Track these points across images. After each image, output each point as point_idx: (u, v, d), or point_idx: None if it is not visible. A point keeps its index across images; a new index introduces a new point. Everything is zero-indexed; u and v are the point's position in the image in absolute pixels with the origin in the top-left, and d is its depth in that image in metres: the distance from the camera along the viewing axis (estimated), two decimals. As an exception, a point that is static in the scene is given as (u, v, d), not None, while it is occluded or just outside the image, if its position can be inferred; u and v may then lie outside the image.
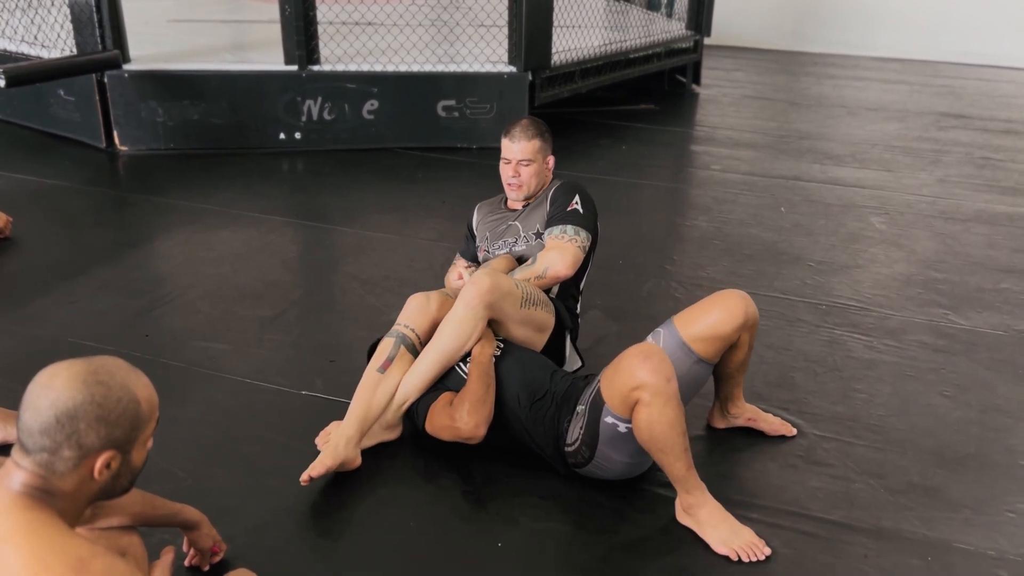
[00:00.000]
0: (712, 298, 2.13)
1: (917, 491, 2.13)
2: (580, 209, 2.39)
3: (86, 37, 4.37)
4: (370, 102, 4.67)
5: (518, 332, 2.27)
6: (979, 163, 4.94)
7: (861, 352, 2.79)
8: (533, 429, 2.09)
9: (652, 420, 1.82)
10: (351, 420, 2.10)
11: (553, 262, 2.29)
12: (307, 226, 3.79)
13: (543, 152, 2.49)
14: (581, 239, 2.34)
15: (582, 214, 2.38)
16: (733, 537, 1.89)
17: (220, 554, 1.79)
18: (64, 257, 3.35)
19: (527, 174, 2.46)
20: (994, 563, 1.90)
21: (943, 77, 7.57)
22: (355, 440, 2.07)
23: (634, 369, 1.82)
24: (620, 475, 2.05)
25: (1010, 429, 2.41)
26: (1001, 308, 3.13)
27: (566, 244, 2.31)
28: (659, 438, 1.83)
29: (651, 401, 1.81)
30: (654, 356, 1.84)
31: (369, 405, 2.12)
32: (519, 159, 2.45)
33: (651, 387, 1.80)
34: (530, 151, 2.45)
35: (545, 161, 2.51)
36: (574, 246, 2.31)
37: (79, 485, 1.18)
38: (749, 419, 2.30)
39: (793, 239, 3.72)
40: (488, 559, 1.87)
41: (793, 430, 2.31)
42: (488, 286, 2.14)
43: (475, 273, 2.22)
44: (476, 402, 2.04)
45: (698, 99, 6.43)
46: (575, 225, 2.35)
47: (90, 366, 1.20)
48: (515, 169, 2.47)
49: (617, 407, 1.88)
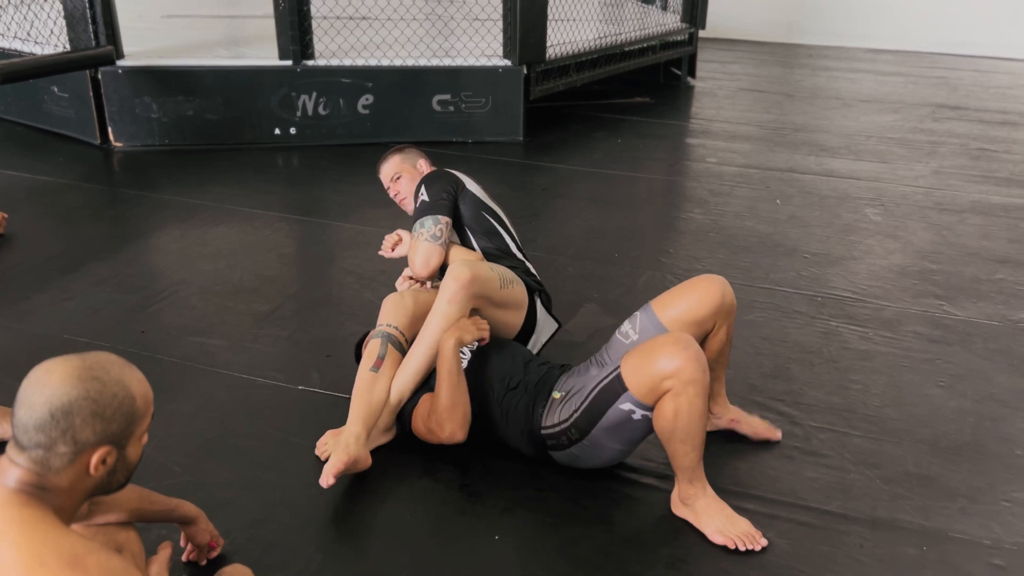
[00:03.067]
0: (689, 282, 2.12)
1: (912, 481, 2.14)
2: (425, 198, 2.40)
3: (79, 33, 4.36)
4: (365, 97, 4.67)
5: (500, 316, 2.27)
6: (974, 154, 4.94)
7: (857, 343, 2.79)
8: (507, 417, 2.09)
9: (680, 410, 1.81)
10: (356, 418, 2.09)
11: (412, 262, 2.35)
12: (302, 221, 3.79)
13: (407, 161, 2.60)
14: (437, 227, 2.35)
15: (427, 202, 2.39)
16: (730, 527, 1.90)
17: (218, 549, 1.80)
18: (59, 253, 3.34)
19: (404, 184, 2.57)
20: (990, 551, 1.91)
21: (938, 68, 7.57)
22: (363, 437, 2.06)
23: (671, 356, 1.80)
24: (598, 463, 2.05)
25: (1006, 419, 2.41)
26: (996, 298, 3.13)
27: (414, 243, 2.35)
28: (683, 428, 1.83)
29: (683, 391, 1.79)
30: (691, 346, 1.82)
31: (370, 402, 2.12)
32: (390, 178, 2.59)
33: (687, 376, 1.79)
34: (393, 167, 2.59)
35: (416, 167, 2.60)
36: (419, 240, 2.34)
37: (75, 481, 1.18)
38: (732, 420, 2.27)
39: (789, 231, 3.73)
40: (486, 552, 1.88)
41: (778, 434, 2.27)
42: (469, 277, 2.15)
43: (453, 265, 2.21)
44: (447, 409, 2.04)
45: (693, 92, 6.43)
46: (422, 217, 2.36)
47: (85, 362, 1.20)
48: (393, 188, 2.60)
49: (643, 395, 1.85)
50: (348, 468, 1.98)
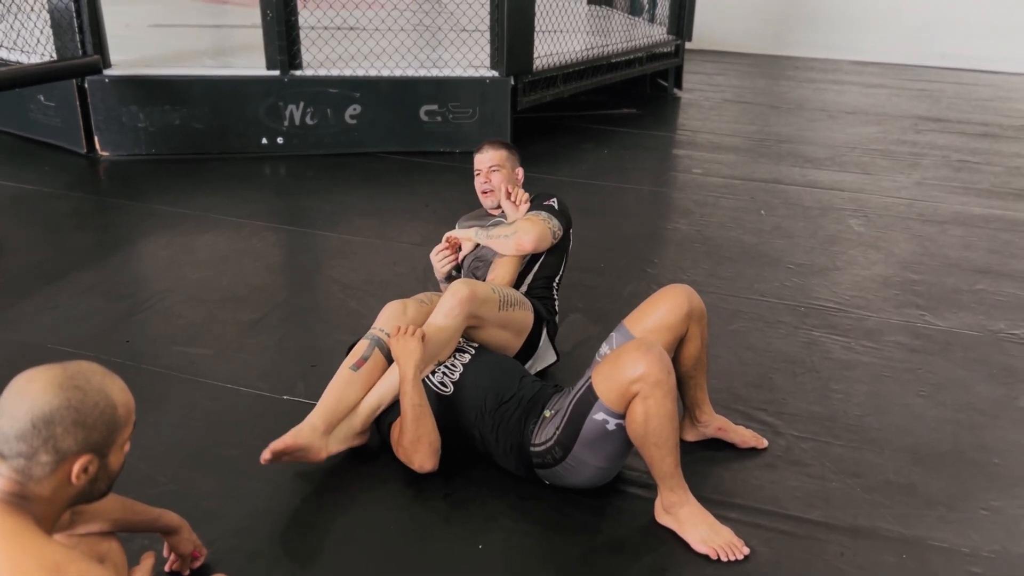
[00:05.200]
0: (656, 295, 2.22)
1: (893, 489, 2.16)
2: (556, 206, 2.62)
3: (66, 42, 4.35)
4: (352, 107, 4.68)
5: (497, 336, 2.32)
6: (956, 166, 5.00)
7: (839, 353, 2.82)
8: (497, 431, 2.09)
9: (650, 413, 1.84)
10: (318, 411, 2.11)
11: (521, 230, 2.50)
12: (289, 230, 3.79)
13: (511, 161, 2.74)
14: (553, 224, 2.55)
15: (557, 209, 2.60)
16: (713, 536, 1.91)
17: (201, 559, 1.79)
18: (45, 262, 3.33)
19: (497, 179, 2.70)
20: (968, 559, 1.93)
21: (921, 81, 7.65)
22: (320, 429, 2.08)
23: (635, 361, 1.84)
24: (585, 483, 2.05)
25: (985, 427, 2.44)
26: (977, 309, 3.17)
27: (538, 220, 2.52)
28: (655, 431, 1.85)
29: (651, 393, 1.82)
30: (654, 349, 1.86)
31: (339, 399, 2.14)
32: (489, 166, 2.70)
33: (652, 379, 1.82)
34: (498, 158, 2.70)
35: (514, 171, 2.75)
36: (544, 224, 2.52)
37: (56, 490, 1.19)
38: (719, 428, 2.29)
39: (773, 241, 3.76)
40: (469, 561, 1.88)
41: (764, 442, 2.30)
42: (467, 295, 2.21)
43: (453, 283, 2.28)
44: (412, 443, 2.05)
45: (679, 103, 6.47)
46: (548, 213, 2.56)
47: (66, 371, 1.20)
48: (486, 176, 2.71)
49: (613, 401, 1.88)
50: (294, 453, 2.01)
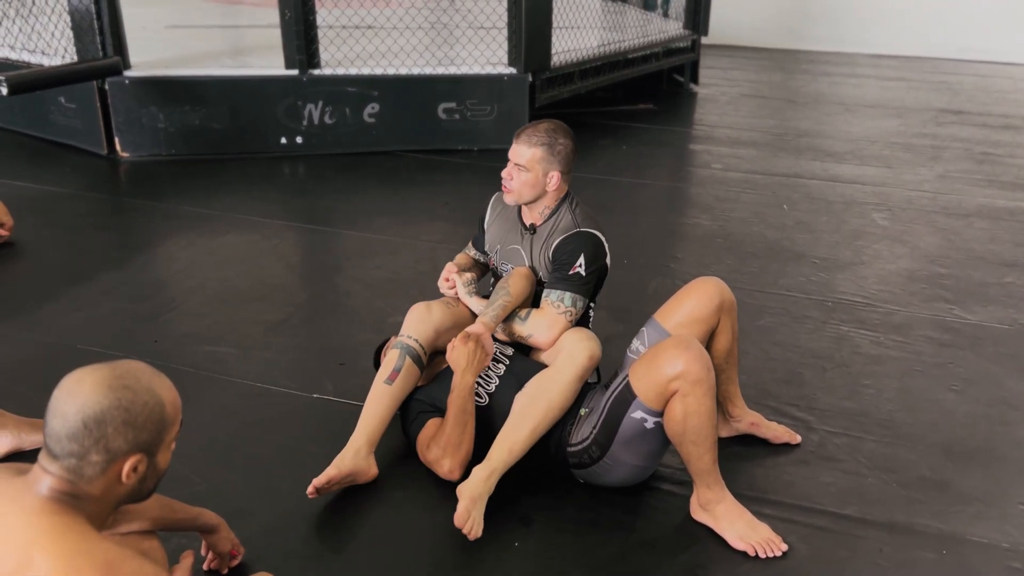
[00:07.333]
0: (685, 288, 2.20)
1: (928, 485, 2.14)
2: (582, 272, 2.24)
3: (86, 44, 4.37)
4: (371, 105, 4.68)
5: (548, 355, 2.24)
6: (978, 158, 4.96)
7: (868, 348, 2.80)
8: None
9: (689, 411, 1.82)
10: (360, 431, 2.10)
11: (539, 331, 2.22)
12: (310, 230, 3.80)
13: (544, 164, 2.23)
14: (577, 309, 2.24)
15: (583, 278, 2.24)
16: (751, 532, 1.90)
17: (238, 557, 1.80)
18: (68, 263, 3.34)
19: (519, 181, 2.25)
20: (1008, 555, 1.91)
21: (940, 73, 7.59)
22: (364, 451, 2.07)
23: (674, 359, 1.82)
24: (622, 481, 2.04)
25: (1018, 422, 2.42)
26: (1005, 302, 3.14)
27: (558, 317, 2.21)
28: (694, 429, 1.84)
29: (690, 391, 1.81)
30: (693, 346, 1.84)
31: (377, 417, 2.12)
32: (515, 162, 2.26)
33: (692, 376, 1.81)
34: (526, 158, 2.23)
35: (546, 175, 2.24)
36: (565, 319, 2.22)
37: (107, 489, 1.19)
38: (752, 424, 2.28)
39: (796, 236, 3.74)
40: (505, 559, 1.88)
41: (798, 437, 2.30)
42: (599, 357, 2.15)
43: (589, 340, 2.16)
44: (451, 446, 2.04)
45: (696, 98, 6.44)
46: (573, 294, 2.22)
47: (115, 371, 1.20)
48: (509, 170, 2.28)
49: (652, 400, 1.87)
50: (341, 481, 2.00)
